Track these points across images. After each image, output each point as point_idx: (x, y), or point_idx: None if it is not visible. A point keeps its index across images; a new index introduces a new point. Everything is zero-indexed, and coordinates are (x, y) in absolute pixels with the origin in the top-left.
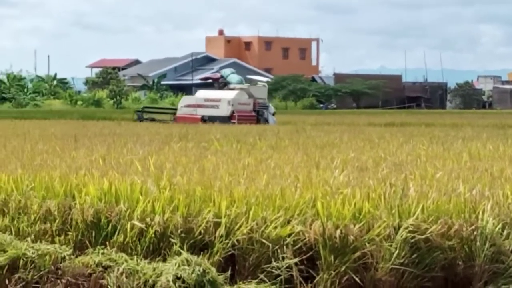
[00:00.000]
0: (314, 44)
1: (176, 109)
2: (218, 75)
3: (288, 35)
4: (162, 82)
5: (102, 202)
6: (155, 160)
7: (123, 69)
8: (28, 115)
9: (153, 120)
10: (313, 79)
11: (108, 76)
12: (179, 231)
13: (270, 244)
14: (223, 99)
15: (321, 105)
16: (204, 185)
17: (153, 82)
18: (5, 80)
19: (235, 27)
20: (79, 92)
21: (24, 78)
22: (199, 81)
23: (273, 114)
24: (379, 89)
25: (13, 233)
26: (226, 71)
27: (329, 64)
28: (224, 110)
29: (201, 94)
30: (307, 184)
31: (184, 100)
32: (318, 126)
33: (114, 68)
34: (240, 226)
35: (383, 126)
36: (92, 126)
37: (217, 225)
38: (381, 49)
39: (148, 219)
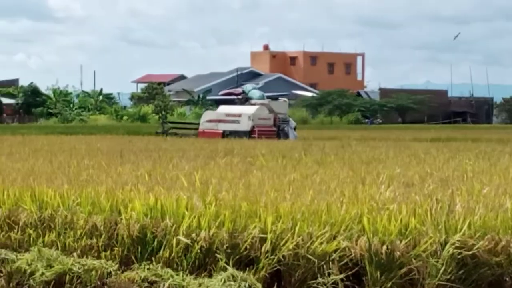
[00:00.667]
0: (359, 59)
1: (199, 124)
2: (239, 90)
3: (333, 50)
4: (207, 97)
5: (148, 218)
6: (201, 175)
7: (168, 84)
8: (74, 130)
9: (176, 134)
10: (359, 94)
11: (153, 91)
12: (224, 246)
13: (315, 260)
14: (244, 114)
15: (367, 120)
16: (250, 201)
17: (198, 97)
18: (52, 96)
19: (280, 42)
20: (125, 107)
21: (70, 93)
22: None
23: (294, 128)
24: (425, 104)
25: (60, 248)
26: (247, 87)
27: (374, 79)
28: (244, 125)
29: (223, 109)
30: (353, 200)
31: (206, 115)
32: (363, 141)
33: (159, 83)
34: (286, 242)
35: (429, 141)
36: (138, 141)
37: (262, 240)
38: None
39: (194, 235)
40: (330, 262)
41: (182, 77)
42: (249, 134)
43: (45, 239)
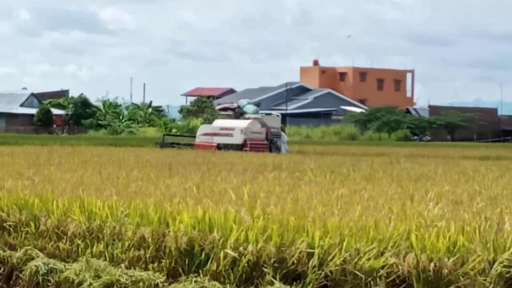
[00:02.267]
0: (409, 75)
1: (194, 137)
2: (235, 105)
3: (383, 66)
4: None
5: (195, 230)
6: (249, 189)
7: (217, 97)
8: (123, 142)
9: (173, 146)
10: (408, 111)
11: (202, 105)
12: (272, 260)
13: (363, 276)
14: (237, 128)
15: (415, 137)
16: (297, 215)
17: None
18: (101, 107)
19: (330, 57)
20: (174, 120)
21: (120, 105)
22: (292, 111)
23: (285, 143)
24: (474, 122)
25: (108, 259)
26: (242, 102)
27: (424, 96)
28: (237, 138)
29: (218, 123)
30: (401, 216)
31: (202, 129)
32: (412, 158)
33: (209, 97)
34: (333, 257)
35: (478, 159)
36: (186, 154)
37: (310, 255)
38: (477, 82)
39: (241, 248)
40: (378, 278)
41: (231, 91)
42: (241, 147)
43: (93, 250)
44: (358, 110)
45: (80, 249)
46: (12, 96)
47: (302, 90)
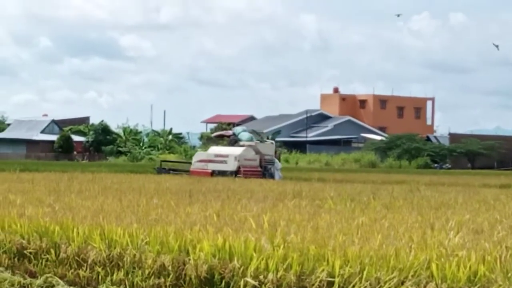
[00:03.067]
0: (429, 103)
1: (190, 163)
2: (230, 132)
3: (403, 93)
4: (277, 139)
5: (216, 258)
6: (269, 217)
7: (237, 125)
8: (143, 169)
9: (169, 172)
10: (428, 139)
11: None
12: None
13: None
14: (231, 155)
15: (436, 165)
16: (318, 244)
17: (268, 138)
18: (122, 134)
19: (350, 85)
20: (194, 147)
21: (140, 132)
22: (312, 139)
23: (279, 170)
24: (495, 150)
25: (128, 287)
26: (238, 129)
27: (444, 124)
28: (231, 165)
29: (213, 150)
30: (422, 245)
31: (198, 156)
32: (432, 186)
33: (229, 124)
34: (354, 286)
35: (499, 187)
36: (206, 181)
37: (330, 284)
38: (497, 110)
39: (261, 277)
40: None
41: (251, 118)
42: (235, 173)
43: (113, 278)
44: (378, 137)
45: (100, 277)
46: (32, 123)
47: (322, 118)
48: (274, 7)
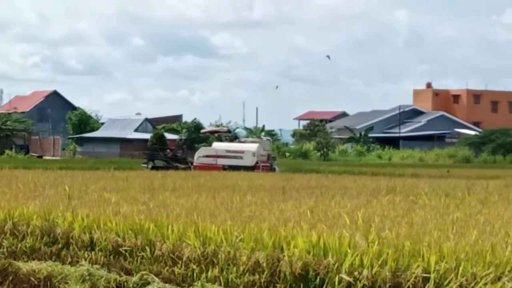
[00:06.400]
0: None
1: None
2: (225, 129)
3: (497, 88)
4: (369, 135)
5: (310, 255)
6: (363, 213)
7: (330, 121)
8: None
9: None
10: None
11: (315, 128)
12: (387, 285)
13: None
14: (247, 151)
15: None
16: (413, 240)
17: (360, 134)
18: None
19: (443, 80)
20: (287, 144)
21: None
22: (405, 134)
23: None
24: None
25: (222, 284)
26: (232, 126)
27: None
28: (248, 161)
29: (221, 146)
30: None
31: (203, 151)
32: None
33: (321, 121)
34: (449, 282)
35: None
36: (299, 178)
37: (426, 280)
38: None
39: (356, 273)
40: None
41: (344, 114)
42: (252, 168)
43: (208, 275)
44: (472, 132)
45: (195, 274)
46: (126, 122)
47: (415, 113)
48: (367, 2)
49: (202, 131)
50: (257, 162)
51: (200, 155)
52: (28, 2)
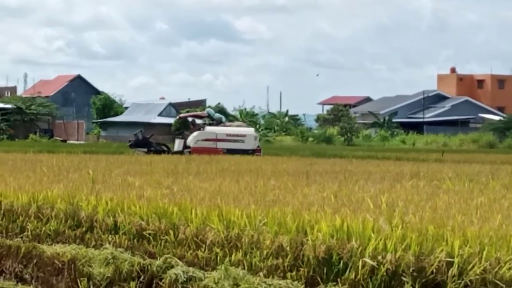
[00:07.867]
0: None
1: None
2: (205, 113)
3: None
4: (393, 120)
5: (334, 239)
6: (387, 197)
7: (354, 106)
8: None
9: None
10: None
11: (339, 113)
12: (411, 269)
13: (504, 286)
14: (249, 135)
15: None
16: (436, 224)
17: (384, 119)
18: (238, 116)
19: (467, 65)
20: (310, 128)
21: (257, 114)
22: (429, 119)
23: None
24: None
25: (246, 267)
26: (210, 110)
27: None
28: (250, 144)
29: (219, 130)
30: None
31: (201, 135)
32: None
33: (345, 105)
34: (473, 266)
35: None
36: (323, 163)
37: (449, 264)
38: None
39: (379, 257)
40: None
41: (368, 99)
42: (253, 152)
43: (231, 258)
44: (496, 118)
45: (218, 258)
46: (150, 106)
47: (439, 98)
48: None
49: (181, 115)
50: (258, 146)
51: (199, 139)
52: None
